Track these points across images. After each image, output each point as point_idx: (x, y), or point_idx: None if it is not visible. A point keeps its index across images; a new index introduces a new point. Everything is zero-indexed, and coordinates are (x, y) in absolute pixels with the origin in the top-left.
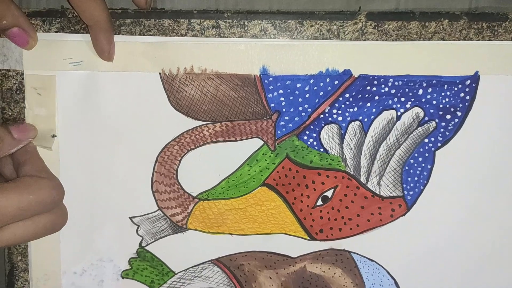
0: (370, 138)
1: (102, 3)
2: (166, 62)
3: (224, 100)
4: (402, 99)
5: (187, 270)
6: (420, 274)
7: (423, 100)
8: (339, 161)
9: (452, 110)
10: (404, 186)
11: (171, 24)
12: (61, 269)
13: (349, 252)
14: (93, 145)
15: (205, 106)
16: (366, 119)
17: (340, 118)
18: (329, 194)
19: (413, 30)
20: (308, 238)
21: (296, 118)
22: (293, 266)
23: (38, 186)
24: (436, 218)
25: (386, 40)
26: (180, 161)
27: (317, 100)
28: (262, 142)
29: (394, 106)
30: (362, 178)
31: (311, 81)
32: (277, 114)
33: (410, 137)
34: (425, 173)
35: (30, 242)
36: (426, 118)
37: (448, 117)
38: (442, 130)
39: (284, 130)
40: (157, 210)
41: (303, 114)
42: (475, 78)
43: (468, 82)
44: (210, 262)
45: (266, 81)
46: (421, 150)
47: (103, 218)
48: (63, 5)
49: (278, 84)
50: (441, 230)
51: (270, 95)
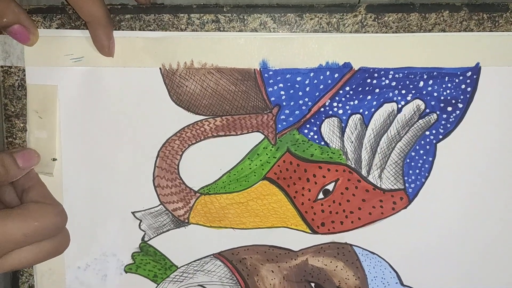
0: (371, 131)
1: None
2: (166, 57)
3: (224, 94)
4: (403, 92)
5: (190, 264)
6: (422, 266)
7: (424, 92)
8: (340, 154)
9: (453, 102)
10: (405, 178)
11: (171, 19)
12: (65, 263)
13: (351, 245)
14: (94, 140)
15: (205, 101)
16: (366, 112)
17: (340, 111)
18: (330, 187)
19: (413, 22)
20: (309, 232)
21: (296, 112)
22: (295, 260)
23: (43, 212)
24: (437, 211)
25: (386, 32)
26: (181, 155)
27: (317, 93)
28: (263, 136)
29: (395, 98)
30: (363, 171)
31: (311, 74)
32: (277, 108)
33: (411, 129)
34: (426, 165)
35: None
36: (427, 110)
37: (449, 109)
38: (443, 122)
39: (284, 123)
40: (159, 205)
41: (304, 107)
42: (476, 70)
43: (469, 74)
44: (212, 256)
45: (266, 74)
46: (422, 142)
47: (106, 213)
48: (63, 1)
49: (278, 77)
50: (443, 222)
51: (270, 89)
